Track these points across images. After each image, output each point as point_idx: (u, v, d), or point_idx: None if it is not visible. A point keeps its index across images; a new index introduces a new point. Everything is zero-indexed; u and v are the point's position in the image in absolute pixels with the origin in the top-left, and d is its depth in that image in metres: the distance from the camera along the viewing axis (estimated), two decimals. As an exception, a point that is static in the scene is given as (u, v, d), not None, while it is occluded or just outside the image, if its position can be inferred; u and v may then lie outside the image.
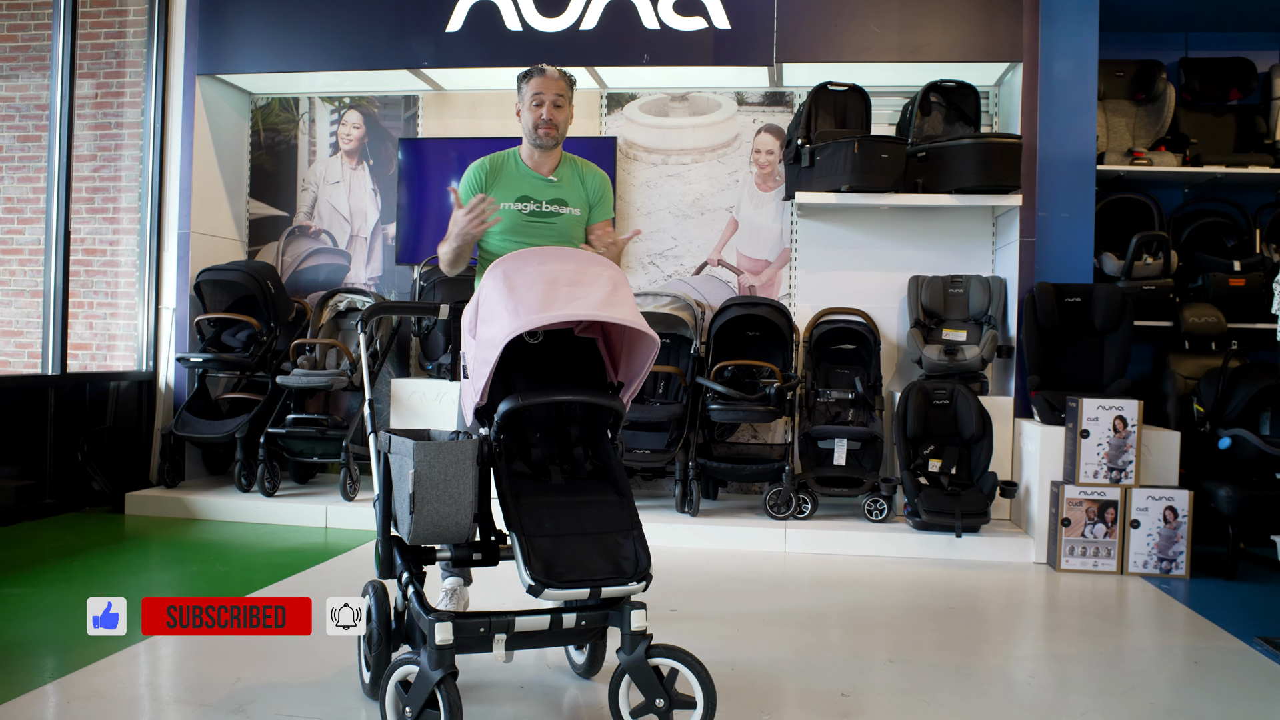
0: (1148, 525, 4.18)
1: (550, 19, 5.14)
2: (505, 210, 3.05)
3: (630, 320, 2.25)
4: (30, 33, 6.23)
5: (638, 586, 2.23)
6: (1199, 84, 5.43)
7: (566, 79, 3.12)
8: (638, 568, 2.25)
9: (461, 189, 3.11)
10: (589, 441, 2.57)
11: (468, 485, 2.23)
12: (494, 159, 3.14)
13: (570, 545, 2.25)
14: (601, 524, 2.33)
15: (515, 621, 2.20)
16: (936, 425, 4.70)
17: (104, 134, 6.09)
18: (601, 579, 2.20)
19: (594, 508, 2.37)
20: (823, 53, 4.99)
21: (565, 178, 3.15)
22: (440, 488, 2.21)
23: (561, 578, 2.17)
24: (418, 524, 2.22)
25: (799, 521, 4.68)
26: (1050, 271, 4.93)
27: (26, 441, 4.92)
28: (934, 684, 2.77)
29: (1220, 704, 2.68)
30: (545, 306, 2.24)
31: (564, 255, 2.46)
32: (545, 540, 2.24)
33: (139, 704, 2.50)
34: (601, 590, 2.18)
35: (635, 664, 2.22)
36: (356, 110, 5.85)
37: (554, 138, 3.08)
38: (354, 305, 5.53)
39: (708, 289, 5.51)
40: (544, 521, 2.28)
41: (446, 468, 2.20)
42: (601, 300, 2.28)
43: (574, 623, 2.24)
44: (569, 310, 2.24)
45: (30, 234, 6.21)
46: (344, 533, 4.73)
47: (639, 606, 2.23)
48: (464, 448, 2.23)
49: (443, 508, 2.22)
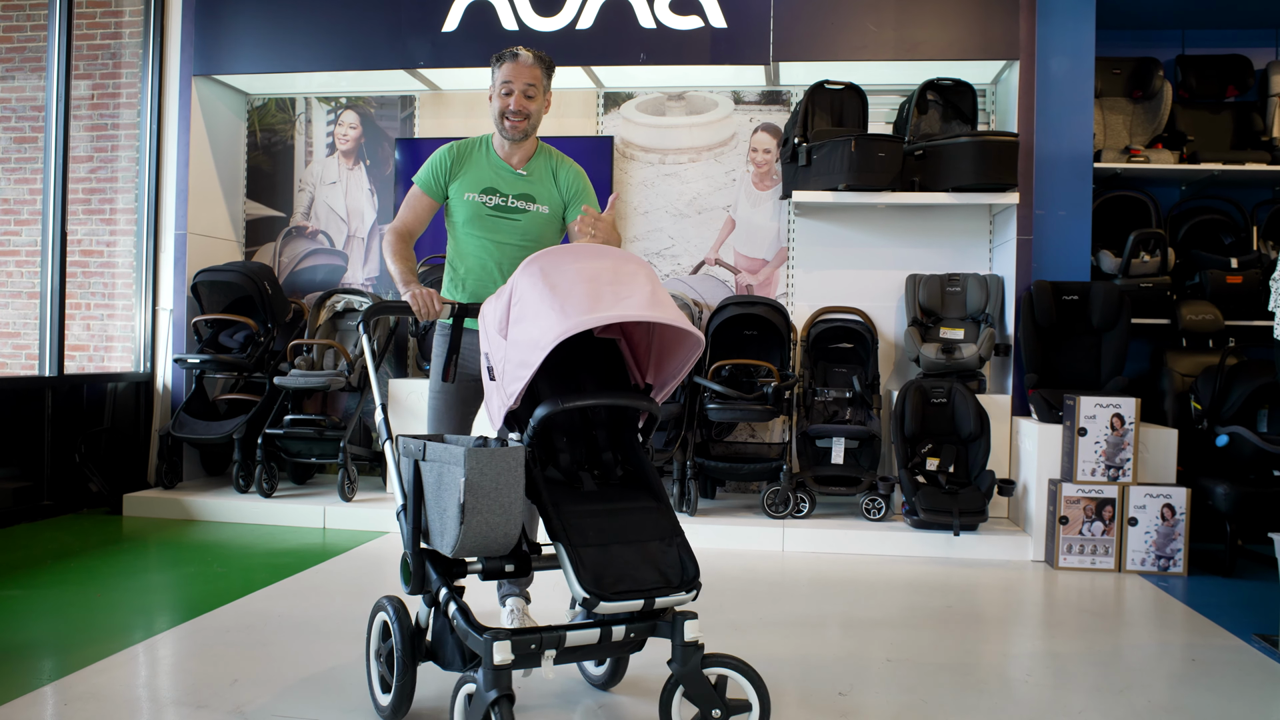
0: (1145, 523, 4.18)
1: (546, 18, 5.14)
2: (469, 201, 2.93)
3: (677, 320, 2.16)
4: (26, 34, 6.22)
5: (687, 596, 2.17)
6: (1196, 81, 5.43)
7: (543, 64, 2.94)
8: (684, 576, 2.19)
9: (422, 170, 2.97)
10: (616, 446, 2.49)
11: (518, 494, 2.13)
12: (463, 144, 3.00)
13: (616, 555, 2.16)
14: (642, 532, 2.24)
15: (566, 636, 2.13)
16: (934, 424, 4.70)
17: (100, 135, 6.08)
18: (653, 589, 2.13)
19: (634, 515, 2.27)
20: (819, 51, 4.99)
21: (536, 172, 2.99)
22: (492, 497, 2.10)
23: (612, 589, 2.09)
24: (467, 535, 2.11)
25: (797, 520, 4.68)
26: (1048, 269, 4.93)
27: (24, 443, 4.91)
28: (932, 682, 2.77)
29: (1218, 701, 2.68)
30: (594, 306, 2.12)
31: (598, 253, 2.30)
32: (592, 550, 2.15)
33: (137, 705, 2.49)
34: (655, 601, 2.12)
35: (690, 675, 2.16)
36: (353, 110, 5.85)
37: (522, 130, 2.91)
38: (351, 306, 5.53)
39: (705, 288, 5.50)
40: (587, 531, 2.18)
41: (499, 476, 2.09)
42: (647, 300, 2.18)
43: (623, 635, 2.18)
44: (618, 310, 2.13)
45: (27, 235, 6.21)
46: (342, 533, 4.73)
47: (691, 616, 2.18)
48: (515, 455, 2.12)
49: (493, 518, 2.11)
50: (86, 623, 3.24)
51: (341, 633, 3.11)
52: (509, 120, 2.90)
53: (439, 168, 2.97)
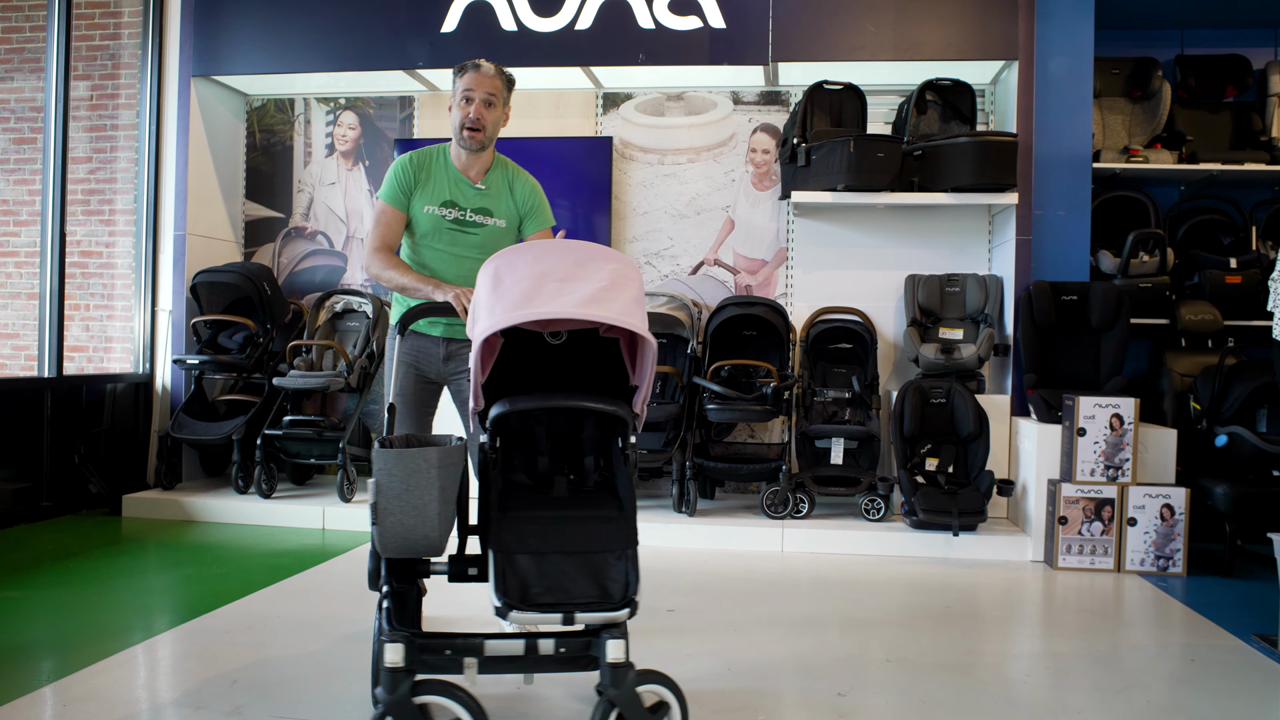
0: (1144, 523, 4.18)
1: (545, 19, 5.14)
2: (428, 214, 2.94)
3: (613, 318, 2.06)
4: (25, 35, 6.22)
5: (620, 615, 2.02)
6: (1195, 81, 5.43)
7: (504, 78, 2.97)
8: (626, 593, 2.05)
9: (386, 185, 2.96)
10: (602, 449, 2.41)
11: (432, 496, 2.07)
12: (421, 155, 2.99)
13: (554, 564, 2.07)
14: (593, 542, 2.12)
15: (485, 645, 2.04)
16: (933, 424, 4.70)
17: (99, 136, 6.08)
18: (581, 603, 2.01)
19: (590, 523, 2.16)
20: (818, 51, 4.99)
21: (494, 185, 3.01)
22: (403, 498, 2.06)
23: (535, 600, 2.00)
24: (382, 535, 2.09)
25: (796, 521, 4.68)
26: (1047, 270, 4.93)
27: (23, 444, 4.91)
28: (931, 683, 2.77)
29: (1217, 701, 2.68)
30: (523, 304, 2.07)
31: (563, 250, 2.25)
32: (526, 558, 2.06)
33: (135, 706, 2.49)
34: (575, 616, 1.99)
35: (623, 698, 2.02)
36: (352, 111, 5.85)
37: (479, 141, 2.93)
38: (350, 306, 5.53)
39: (704, 289, 5.51)
40: (528, 537, 2.09)
41: (409, 477, 2.06)
42: (587, 297, 2.09)
43: (552, 649, 2.06)
44: (545, 308, 2.06)
45: (26, 236, 6.21)
46: (341, 534, 4.73)
47: (618, 636, 2.02)
48: (426, 456, 2.07)
49: (407, 519, 2.07)
50: (86, 624, 3.24)
51: (341, 634, 3.11)
52: (467, 130, 2.92)
53: (402, 180, 2.96)
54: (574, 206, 5.48)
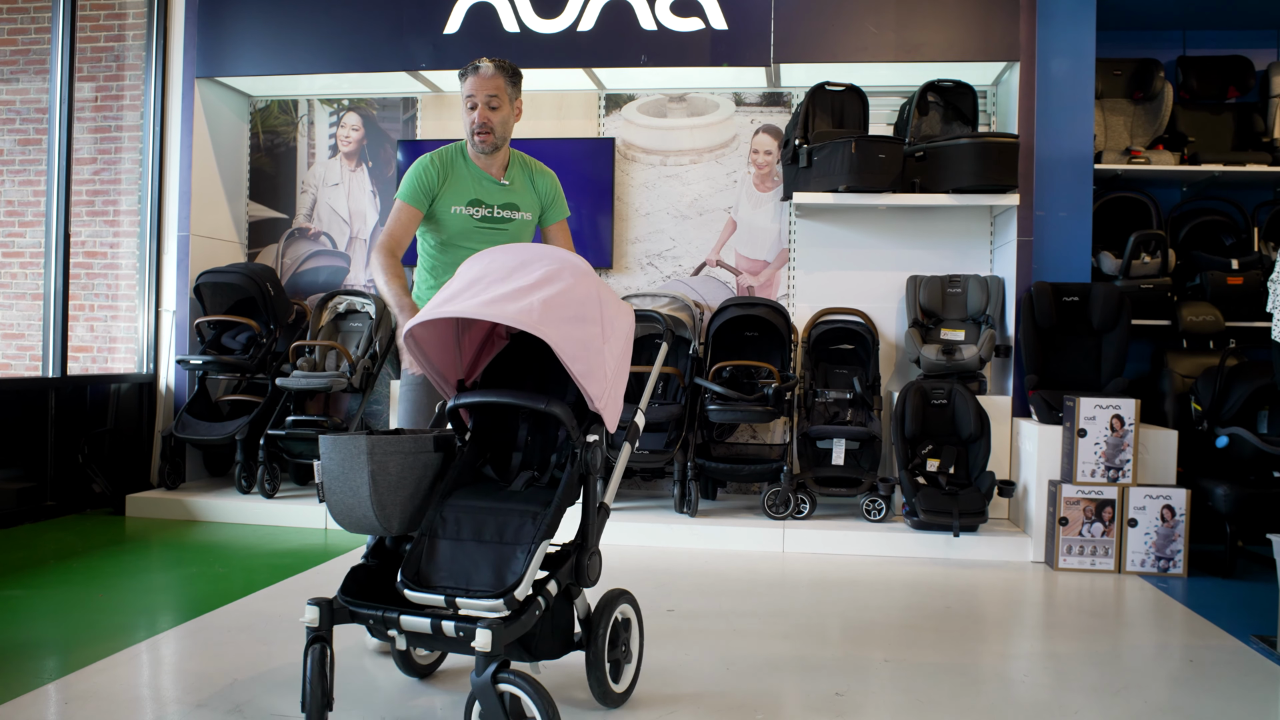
0: (1145, 524, 4.18)
1: (548, 20, 5.15)
2: (456, 215, 2.96)
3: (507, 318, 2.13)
4: (30, 36, 6.25)
5: (494, 603, 2.08)
6: (1197, 82, 5.43)
7: (505, 73, 2.95)
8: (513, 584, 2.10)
9: (407, 185, 2.96)
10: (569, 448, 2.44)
11: (363, 479, 2.22)
12: (442, 155, 3.00)
13: (465, 551, 2.20)
14: (504, 534, 2.20)
15: (401, 619, 2.14)
16: (934, 425, 4.71)
17: (104, 137, 6.11)
18: (455, 589, 2.12)
19: (513, 517, 2.22)
20: (820, 53, 5.00)
21: (516, 180, 3.04)
22: (340, 480, 2.25)
23: (429, 582, 2.15)
24: (330, 511, 2.31)
25: (797, 521, 4.68)
26: (1048, 271, 4.94)
27: (27, 444, 4.93)
28: (930, 683, 2.78)
29: (1216, 702, 2.69)
30: (442, 304, 2.23)
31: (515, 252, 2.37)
32: (446, 543, 2.22)
33: (137, 704, 2.51)
34: (457, 600, 2.10)
35: (480, 688, 2.03)
36: (355, 112, 5.87)
37: (491, 143, 2.95)
38: (353, 307, 5.55)
39: (706, 289, 5.51)
40: (459, 523, 2.24)
41: (344, 461, 2.24)
42: (498, 296, 2.19)
43: (453, 631, 2.09)
44: (450, 307, 2.21)
45: (31, 237, 6.23)
46: (343, 534, 4.74)
47: (488, 627, 2.02)
48: (358, 443, 2.22)
49: (346, 499, 2.26)
50: (89, 622, 3.26)
51: (341, 633, 3.12)
52: (477, 136, 2.94)
53: (424, 182, 2.97)
54: (576, 208, 5.46)
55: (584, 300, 2.27)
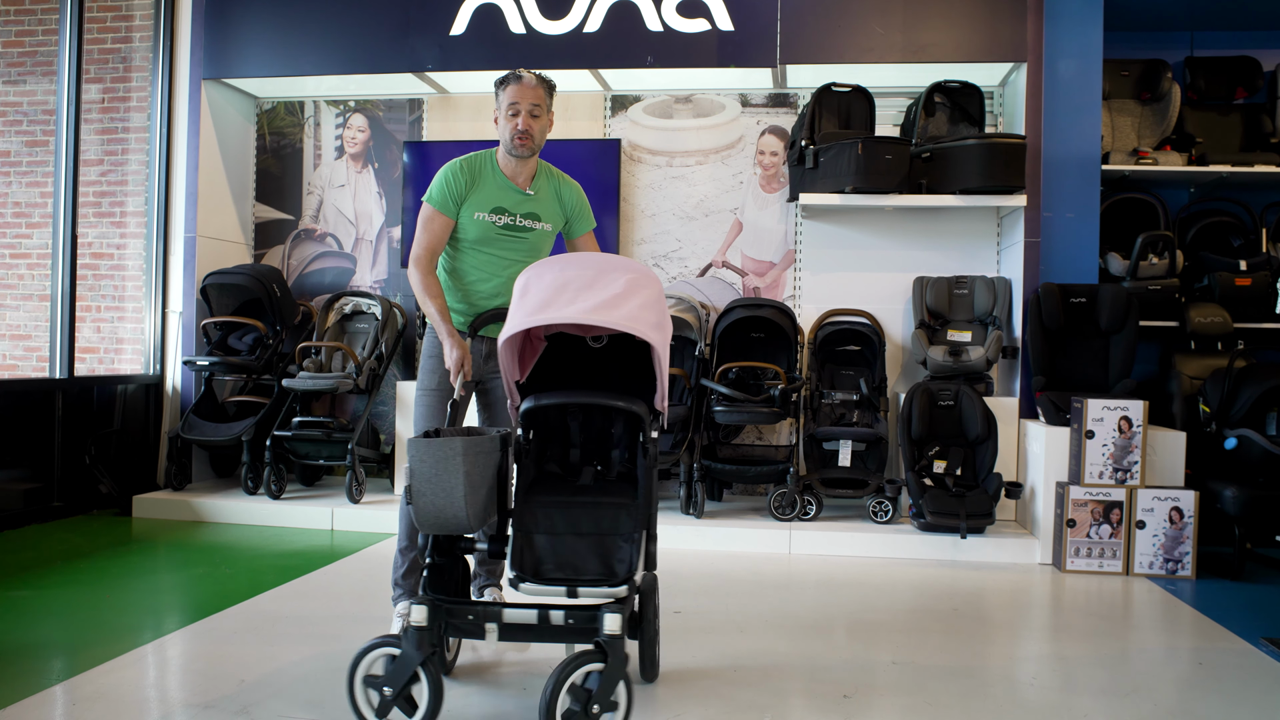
0: (1153, 526, 4.17)
1: (554, 21, 5.15)
2: (479, 221, 3.00)
3: (615, 323, 2.27)
4: (37, 38, 6.27)
5: (619, 591, 2.25)
6: (1204, 83, 5.41)
7: (545, 85, 3.04)
8: (628, 571, 2.28)
9: (438, 193, 3.01)
10: (629, 444, 2.63)
11: (457, 480, 2.29)
12: (471, 162, 3.05)
13: (567, 544, 2.32)
14: (605, 525, 2.35)
15: (504, 613, 2.28)
16: (941, 426, 4.70)
17: (110, 138, 6.12)
18: (582, 579, 2.25)
19: (607, 509, 2.38)
20: (826, 54, 4.99)
21: (542, 191, 3.08)
22: (433, 482, 2.29)
23: (544, 574, 2.26)
24: (418, 515, 2.33)
25: (803, 523, 4.67)
26: (1055, 272, 4.92)
27: (34, 445, 4.94)
28: (937, 685, 2.77)
29: (1225, 705, 2.67)
30: (541, 310, 2.30)
31: (588, 261, 2.47)
32: (543, 537, 2.32)
33: (144, 705, 2.51)
34: (579, 590, 2.23)
35: (614, 667, 2.16)
36: (361, 113, 5.87)
37: (530, 148, 3.00)
38: (359, 308, 5.55)
39: (712, 291, 5.51)
40: (551, 519, 2.34)
41: (438, 463, 2.29)
42: (597, 304, 2.30)
43: (562, 620, 2.27)
44: (559, 314, 2.29)
45: (38, 238, 6.25)
46: (350, 535, 4.75)
47: (615, 611, 2.20)
48: (452, 445, 2.29)
49: (437, 500, 2.30)
50: (95, 623, 3.26)
51: (348, 634, 3.12)
52: (517, 140, 2.99)
53: (454, 188, 3.01)
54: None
55: (661, 308, 2.44)
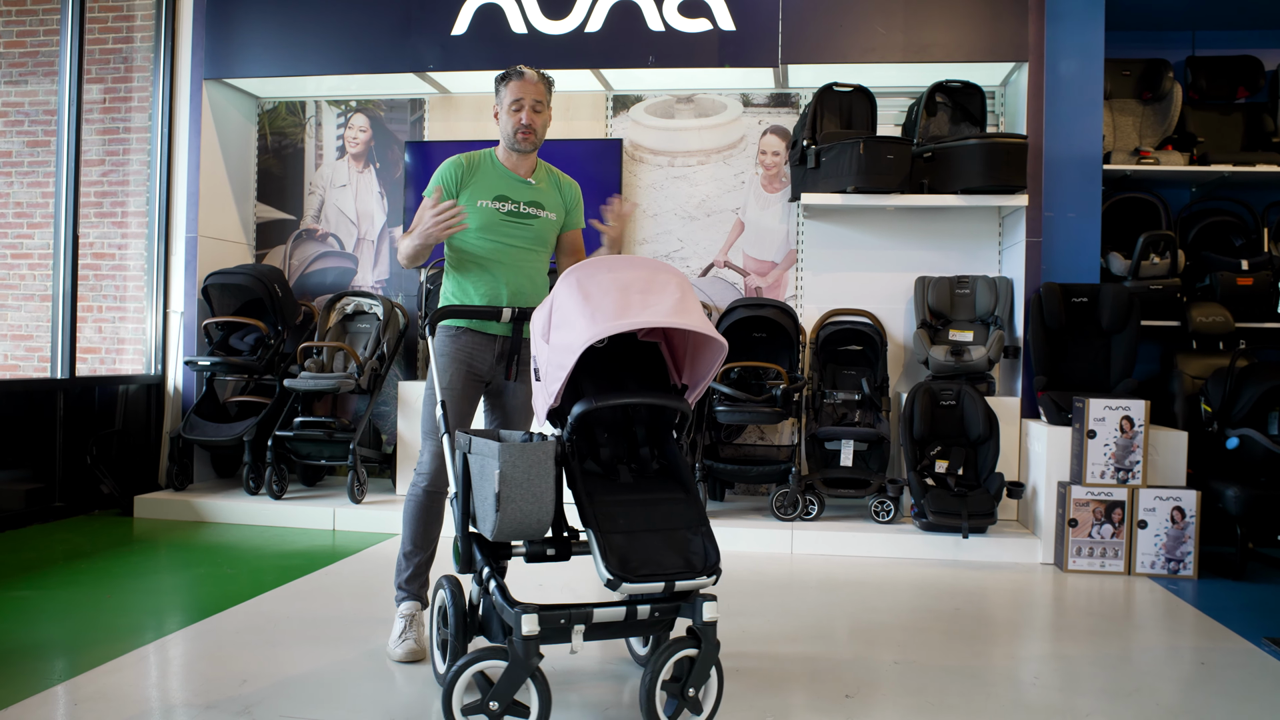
0: (1155, 525, 4.17)
1: (555, 21, 5.15)
2: (482, 208, 3.01)
3: (700, 326, 2.35)
4: (39, 38, 6.27)
5: (708, 580, 2.34)
6: (1206, 82, 5.41)
7: (545, 81, 3.08)
8: (707, 562, 2.35)
9: (437, 175, 3.04)
10: (654, 442, 2.67)
11: (549, 484, 2.34)
12: (471, 157, 3.09)
13: (643, 541, 2.36)
14: (671, 520, 2.43)
15: (594, 613, 2.31)
16: (943, 426, 4.70)
17: (112, 139, 6.12)
18: (674, 573, 2.31)
19: (663, 505, 2.47)
20: (828, 54, 4.99)
21: (543, 181, 3.12)
22: (524, 487, 2.31)
23: (636, 572, 2.29)
24: (503, 521, 2.32)
25: (805, 523, 4.67)
26: (1057, 272, 4.92)
27: (36, 445, 4.94)
28: (939, 685, 2.77)
29: (1228, 705, 2.67)
30: (622, 314, 2.34)
31: (633, 263, 2.53)
32: (619, 536, 2.35)
33: (145, 706, 2.51)
34: (675, 584, 2.30)
35: (708, 653, 2.32)
36: (363, 113, 5.87)
37: (532, 143, 3.04)
38: (361, 308, 5.55)
39: (714, 291, 5.51)
40: (617, 518, 2.39)
41: (530, 468, 2.31)
42: (673, 307, 2.39)
43: (648, 614, 2.34)
44: (644, 317, 2.34)
45: (39, 238, 6.25)
46: (352, 535, 4.75)
47: (711, 599, 2.33)
48: (546, 449, 2.34)
49: (526, 505, 2.32)
50: (97, 623, 3.26)
51: (350, 635, 3.13)
52: (520, 134, 3.02)
53: (451, 176, 3.04)
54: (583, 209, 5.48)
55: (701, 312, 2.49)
